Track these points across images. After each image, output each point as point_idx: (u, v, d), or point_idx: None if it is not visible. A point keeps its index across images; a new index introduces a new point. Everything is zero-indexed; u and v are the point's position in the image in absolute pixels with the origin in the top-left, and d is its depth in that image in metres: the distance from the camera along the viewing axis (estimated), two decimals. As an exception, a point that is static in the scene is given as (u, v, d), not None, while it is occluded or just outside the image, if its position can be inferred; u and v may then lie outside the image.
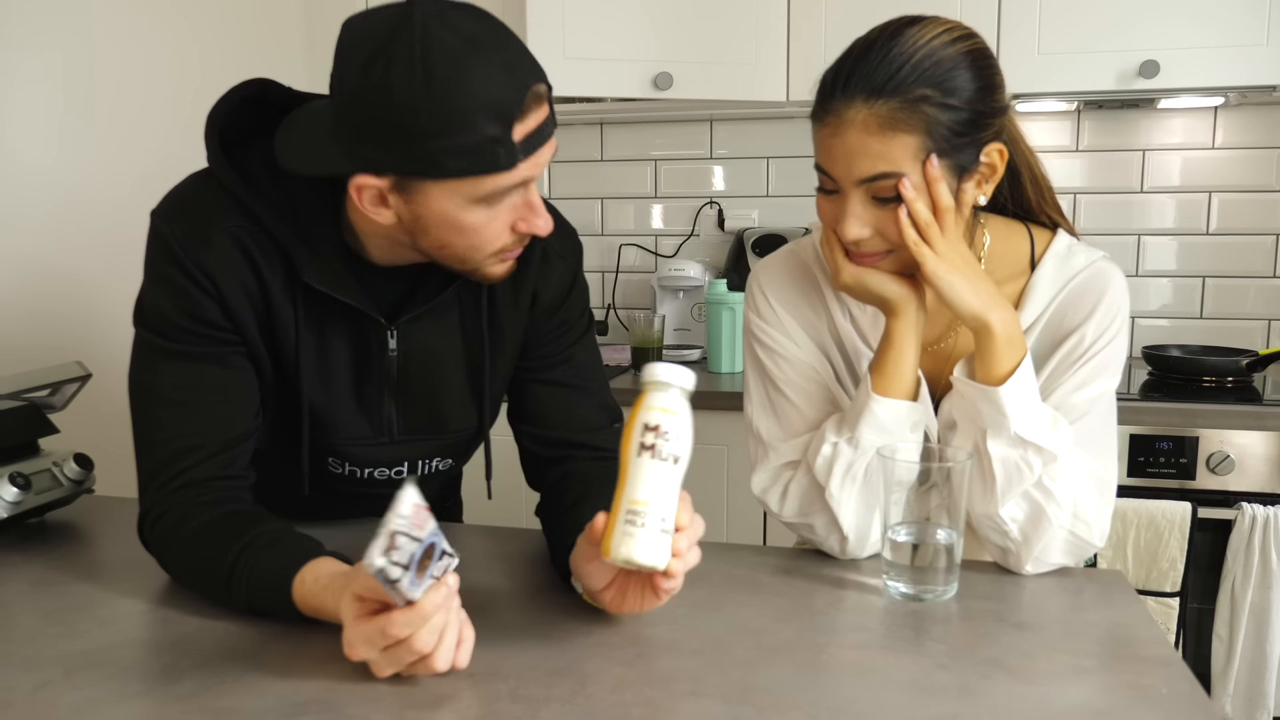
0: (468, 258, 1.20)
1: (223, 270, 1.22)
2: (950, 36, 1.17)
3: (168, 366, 1.24)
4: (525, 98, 1.09)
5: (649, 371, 1.00)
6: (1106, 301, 1.28)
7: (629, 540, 0.96)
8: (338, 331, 1.29)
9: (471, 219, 1.14)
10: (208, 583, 1.18)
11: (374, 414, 1.35)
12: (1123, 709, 0.92)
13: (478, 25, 1.09)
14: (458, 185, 1.11)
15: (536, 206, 1.18)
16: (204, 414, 1.25)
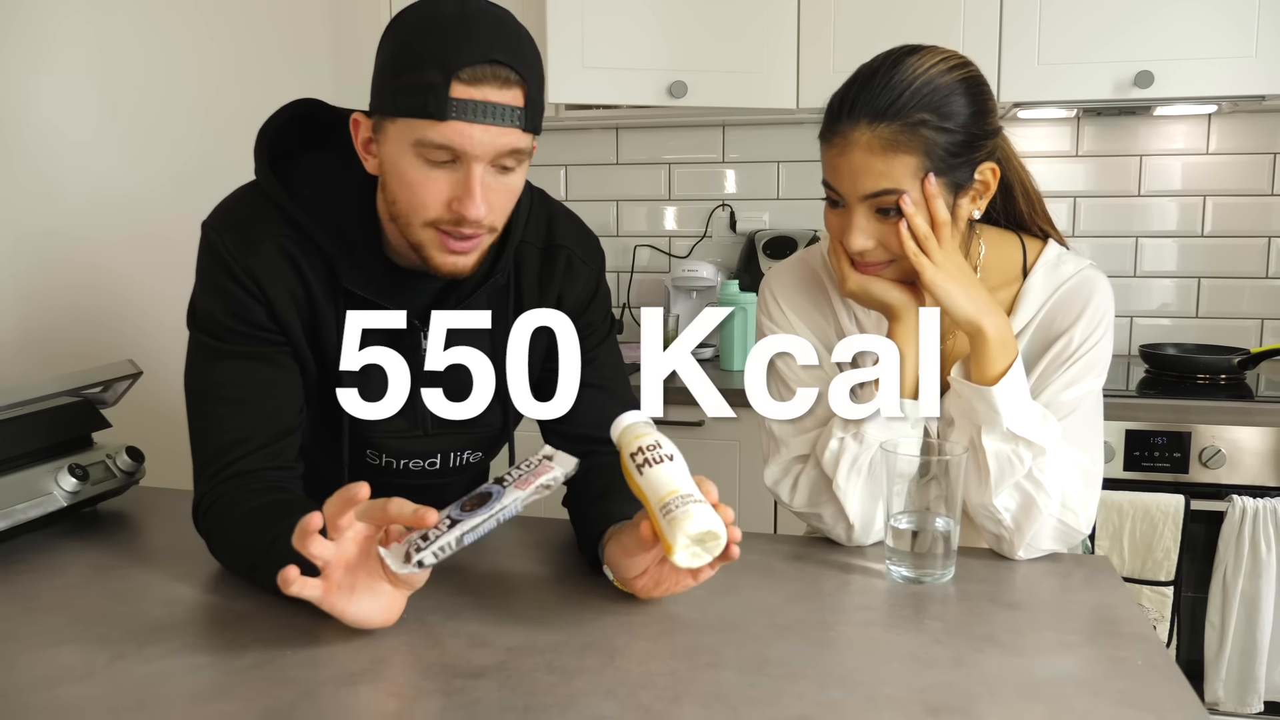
0: (410, 221, 1.25)
1: (270, 277, 1.31)
2: (947, 65, 1.26)
3: (220, 365, 1.32)
4: (478, 64, 1.16)
5: (615, 426, 1.13)
6: (1093, 306, 1.37)
7: (675, 527, 1.04)
8: (375, 332, 1.38)
9: (411, 171, 1.21)
10: (244, 563, 1.25)
11: (409, 409, 1.44)
12: (1100, 678, 1.01)
13: (484, 8, 1.20)
14: (402, 127, 1.19)
15: (473, 190, 1.20)
16: (254, 409, 1.33)
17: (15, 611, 1.21)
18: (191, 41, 2.36)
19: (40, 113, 1.96)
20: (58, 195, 2.00)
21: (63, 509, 1.48)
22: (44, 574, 1.33)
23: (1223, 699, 2.37)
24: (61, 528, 1.51)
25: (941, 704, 0.96)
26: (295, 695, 0.98)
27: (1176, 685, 1.00)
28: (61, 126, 2.01)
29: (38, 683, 1.02)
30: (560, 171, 3.41)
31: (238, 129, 2.42)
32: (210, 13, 2.41)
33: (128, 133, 2.18)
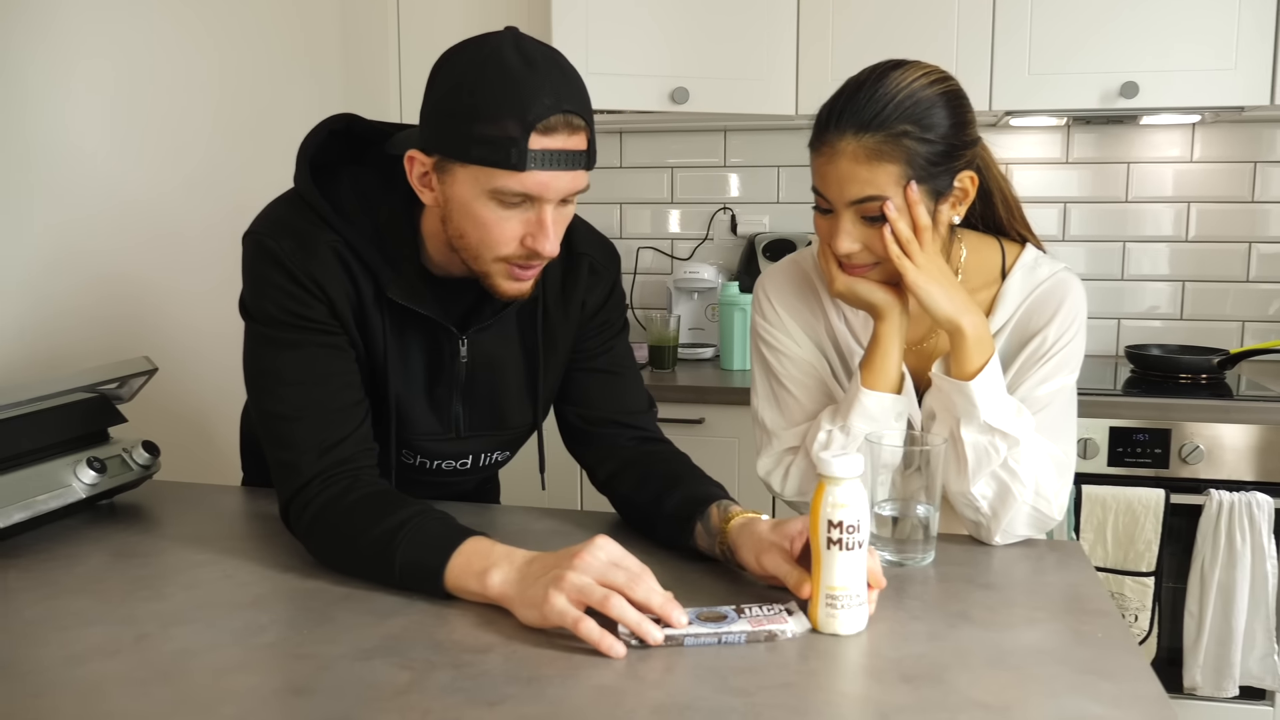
0: (480, 255, 1.32)
1: (329, 279, 1.36)
2: (929, 79, 1.34)
3: (290, 356, 1.37)
4: (553, 116, 1.23)
5: (825, 466, 1.12)
6: (1066, 307, 1.44)
7: (833, 621, 1.11)
8: (415, 339, 1.44)
9: (485, 213, 1.28)
10: (363, 555, 1.28)
11: (444, 412, 1.50)
12: (1062, 648, 1.09)
13: (544, 56, 1.26)
14: (477, 173, 1.25)
15: (547, 229, 1.29)
16: (335, 399, 1.37)
17: (41, 597, 1.27)
18: (201, 47, 2.41)
19: (56, 118, 2.01)
20: (73, 197, 2.05)
21: (81, 501, 1.53)
22: (65, 562, 1.39)
23: (1200, 684, 2.44)
24: (80, 519, 1.57)
25: (916, 673, 1.03)
26: (314, 669, 1.05)
27: (1131, 655, 1.07)
28: (76, 130, 2.06)
29: (68, 659, 1.08)
30: (563, 175, 3.46)
31: (246, 134, 2.50)
32: (220, 18, 2.46)
33: (141, 137, 2.23)
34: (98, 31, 2.10)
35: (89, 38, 2.07)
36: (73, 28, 2.04)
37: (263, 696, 1.00)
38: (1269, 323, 3.08)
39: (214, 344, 2.21)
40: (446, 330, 1.44)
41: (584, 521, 1.55)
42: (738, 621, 1.12)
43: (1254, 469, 2.45)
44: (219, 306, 1.97)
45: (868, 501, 1.14)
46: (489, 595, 1.18)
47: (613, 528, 1.48)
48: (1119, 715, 0.95)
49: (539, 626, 1.13)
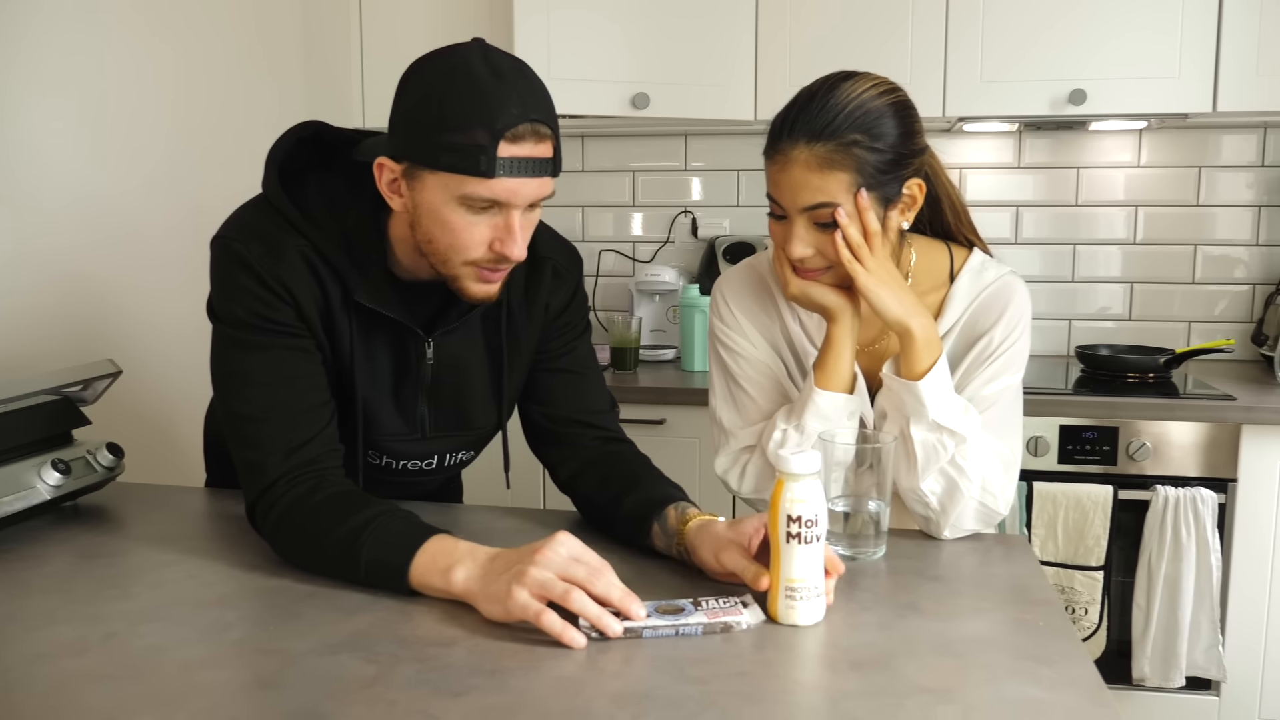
0: (448, 259, 1.36)
1: (296, 282, 1.38)
2: (878, 90, 1.38)
3: (257, 358, 1.39)
4: (520, 125, 1.26)
5: (784, 463, 1.16)
6: (1011, 309, 1.49)
7: (792, 612, 1.15)
8: (382, 342, 1.47)
9: (454, 218, 1.31)
10: (329, 554, 1.30)
11: (410, 414, 1.53)
12: (1005, 636, 1.13)
13: (511, 66, 1.30)
14: (446, 180, 1.28)
15: (515, 233, 1.32)
16: (301, 400, 1.40)
17: (8, 596, 1.28)
18: (163, 49, 2.41)
19: (17, 119, 2.01)
20: (34, 197, 2.06)
21: (45, 502, 1.54)
22: (32, 562, 1.40)
23: (1149, 675, 2.50)
24: (44, 520, 1.58)
25: (865, 661, 1.07)
26: (281, 664, 1.08)
27: (1069, 642, 1.12)
28: (37, 131, 2.06)
29: (38, 657, 1.10)
30: (525, 179, 3.48)
31: (208, 135, 2.51)
32: (182, 22, 2.47)
33: (104, 138, 2.23)
34: (61, 33, 2.10)
35: (51, 40, 2.08)
36: (35, 30, 2.04)
37: (232, 691, 1.03)
38: (1214, 323, 3.16)
39: (176, 344, 2.22)
40: (413, 333, 1.47)
41: (546, 520, 1.58)
42: (695, 614, 1.16)
43: (1199, 465, 2.51)
44: (181, 307, 1.98)
45: (824, 497, 1.18)
46: (453, 591, 1.21)
47: (574, 525, 1.51)
48: (1056, 698, 0.99)
49: (502, 620, 1.16)
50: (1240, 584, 2.53)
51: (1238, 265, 3.13)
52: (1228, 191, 3.11)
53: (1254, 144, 3.08)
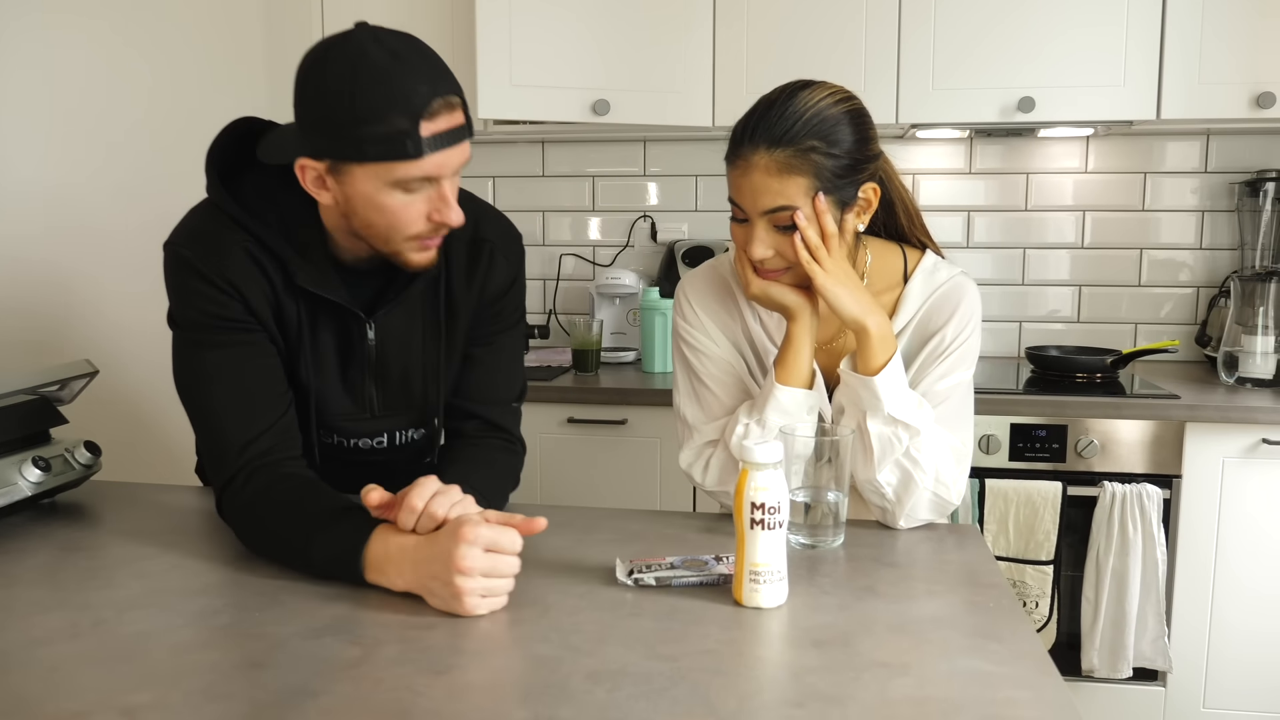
0: (390, 238, 1.42)
1: (242, 278, 1.45)
2: (834, 99, 1.45)
3: (214, 356, 1.46)
4: (434, 103, 1.32)
5: (748, 453, 1.22)
6: (963, 308, 1.56)
7: (756, 595, 1.22)
8: (327, 325, 1.53)
9: (389, 201, 1.37)
10: (292, 547, 1.36)
11: (358, 394, 1.59)
12: (957, 617, 1.20)
13: (405, 45, 1.34)
14: (376, 169, 1.34)
15: (449, 200, 1.40)
16: (257, 394, 1.47)
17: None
18: (132, 52, 2.44)
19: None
20: (4, 201, 2.08)
21: (26, 499, 1.57)
22: (16, 555, 1.44)
23: (1097, 666, 2.57)
24: (23, 517, 1.61)
25: (826, 639, 1.13)
26: (268, 646, 1.12)
27: (1019, 621, 1.19)
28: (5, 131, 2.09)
29: (31, 643, 1.14)
30: (489, 183, 3.53)
31: (173, 135, 2.54)
32: (149, 24, 2.49)
33: (72, 139, 2.26)
34: (29, 40, 2.12)
35: (20, 46, 2.10)
36: (3, 37, 2.06)
37: (224, 670, 1.07)
38: (1159, 325, 3.25)
39: (149, 345, 2.24)
40: (355, 315, 1.53)
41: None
42: (717, 567, 1.31)
43: (1144, 462, 2.59)
44: (152, 308, 2.00)
45: (786, 486, 1.24)
46: (400, 589, 1.28)
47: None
48: (1005, 671, 1.06)
49: None
50: (1185, 577, 2.60)
51: (1182, 269, 3.23)
52: (1172, 197, 3.21)
53: (1197, 150, 3.17)
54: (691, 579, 1.29)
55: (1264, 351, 2.75)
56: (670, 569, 1.30)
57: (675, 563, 1.32)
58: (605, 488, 2.83)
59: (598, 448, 2.83)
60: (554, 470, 2.85)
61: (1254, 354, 2.76)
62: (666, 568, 1.31)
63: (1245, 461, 2.55)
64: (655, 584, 1.28)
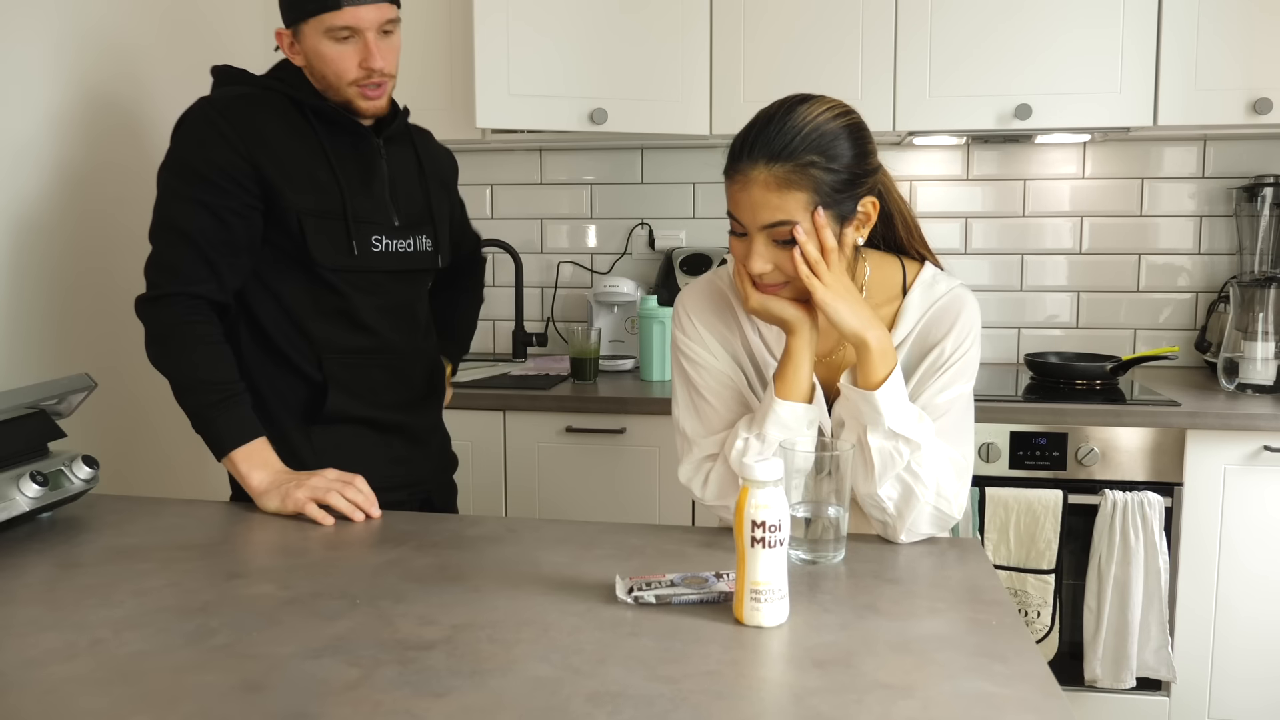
0: (337, 85, 1.83)
1: (259, 127, 1.82)
2: (833, 113, 1.44)
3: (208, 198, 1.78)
4: None
5: (749, 471, 1.22)
6: (962, 321, 1.55)
7: (757, 614, 1.21)
8: (345, 147, 1.92)
9: (327, 51, 1.80)
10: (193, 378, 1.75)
11: (380, 203, 1.94)
12: (959, 635, 1.19)
13: None
14: (314, 24, 1.78)
15: (373, 50, 1.80)
16: (228, 245, 1.80)
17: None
18: (134, 54, 2.43)
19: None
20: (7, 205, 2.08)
21: (22, 514, 1.57)
22: (14, 572, 1.43)
23: (1100, 676, 2.56)
24: (20, 532, 1.61)
25: (827, 658, 1.13)
26: (267, 667, 1.12)
27: (1022, 640, 1.18)
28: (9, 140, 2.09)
29: (28, 663, 1.13)
30: (486, 190, 3.53)
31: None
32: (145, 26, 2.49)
33: (65, 146, 2.26)
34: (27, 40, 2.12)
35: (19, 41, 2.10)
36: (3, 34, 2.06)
37: (221, 693, 1.06)
38: (1158, 330, 3.26)
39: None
40: (366, 134, 1.91)
41: (499, 526, 1.64)
42: (717, 585, 1.30)
43: (1145, 470, 2.59)
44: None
45: (787, 503, 1.24)
46: (248, 483, 1.73)
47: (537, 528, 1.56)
48: (1009, 692, 1.05)
49: (277, 511, 1.69)
50: (1188, 586, 2.60)
51: (1180, 274, 3.23)
52: (1170, 202, 3.21)
53: (1194, 156, 3.18)
54: (692, 597, 1.28)
55: (1264, 358, 2.75)
56: (670, 586, 1.30)
57: (675, 580, 1.32)
58: (604, 497, 2.82)
59: (596, 457, 2.82)
60: (552, 479, 2.84)
61: (1254, 360, 2.76)
62: (667, 585, 1.30)
63: (1247, 469, 2.55)
64: (655, 602, 1.27)
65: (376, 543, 1.56)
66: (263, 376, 1.87)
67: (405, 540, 1.56)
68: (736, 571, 1.24)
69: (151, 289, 1.79)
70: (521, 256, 3.44)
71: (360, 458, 1.84)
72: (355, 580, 1.39)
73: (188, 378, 1.76)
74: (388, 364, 1.96)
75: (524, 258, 3.48)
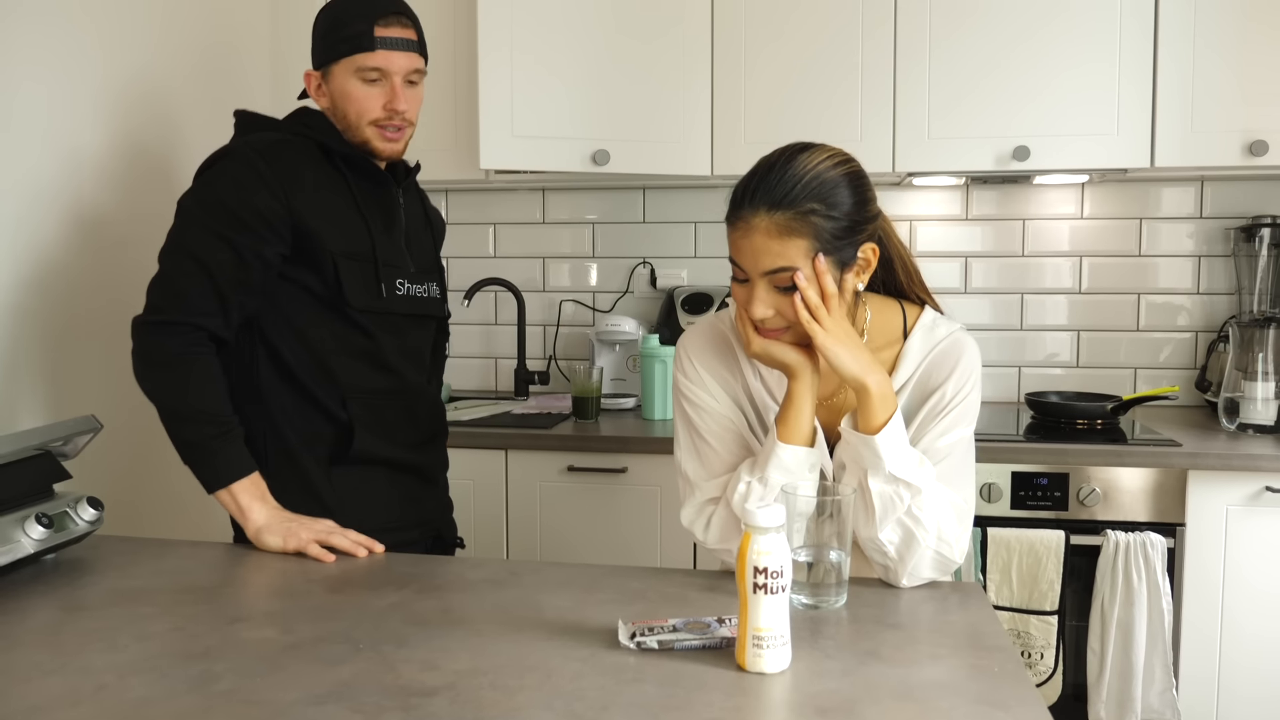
0: (357, 125, 1.89)
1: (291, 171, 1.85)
2: (833, 162, 1.46)
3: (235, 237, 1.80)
4: (386, 13, 1.85)
5: (751, 517, 1.23)
6: (962, 365, 1.56)
7: (760, 660, 1.21)
8: (369, 194, 1.97)
9: (354, 90, 1.87)
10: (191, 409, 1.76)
11: (398, 249, 1.99)
12: (961, 682, 1.20)
13: None
14: (345, 64, 1.86)
15: (399, 94, 1.87)
16: (238, 285, 1.81)
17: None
18: (138, 59, 2.46)
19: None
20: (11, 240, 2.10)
21: (28, 556, 1.57)
22: (17, 616, 1.43)
23: (1105, 719, 2.54)
24: (25, 574, 1.61)
25: (830, 706, 1.13)
26: (271, 714, 1.12)
27: (1024, 688, 1.18)
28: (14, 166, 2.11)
29: (31, 710, 1.13)
30: (490, 229, 3.55)
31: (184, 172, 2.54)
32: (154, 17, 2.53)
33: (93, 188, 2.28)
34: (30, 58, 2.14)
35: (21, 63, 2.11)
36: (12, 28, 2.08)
37: (225, 741, 1.07)
38: (1159, 369, 3.26)
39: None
40: (388, 181, 1.97)
41: (502, 570, 1.64)
42: (719, 630, 1.30)
43: (1147, 510, 2.58)
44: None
45: (789, 549, 1.24)
46: (246, 518, 1.75)
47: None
48: (1010, 739, 1.06)
49: (278, 550, 1.71)
50: (1192, 627, 2.59)
51: (1180, 313, 3.24)
52: (1168, 242, 3.22)
53: (1192, 196, 3.20)
54: (694, 642, 1.28)
55: (1265, 398, 2.75)
56: (673, 631, 1.30)
57: (678, 625, 1.32)
58: (605, 536, 2.82)
59: (598, 496, 2.82)
60: (554, 518, 2.85)
61: (1255, 400, 2.76)
62: (669, 630, 1.30)
63: (1249, 509, 2.55)
64: (658, 647, 1.28)
65: (379, 585, 1.56)
66: (286, 417, 1.89)
67: (408, 583, 1.57)
68: (739, 617, 1.24)
69: (154, 312, 1.79)
70: (524, 295, 3.46)
71: (378, 498, 1.89)
72: (358, 624, 1.39)
73: (189, 408, 1.77)
74: (404, 405, 1.98)
75: (526, 296, 3.50)
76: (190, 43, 2.67)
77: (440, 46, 2.97)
